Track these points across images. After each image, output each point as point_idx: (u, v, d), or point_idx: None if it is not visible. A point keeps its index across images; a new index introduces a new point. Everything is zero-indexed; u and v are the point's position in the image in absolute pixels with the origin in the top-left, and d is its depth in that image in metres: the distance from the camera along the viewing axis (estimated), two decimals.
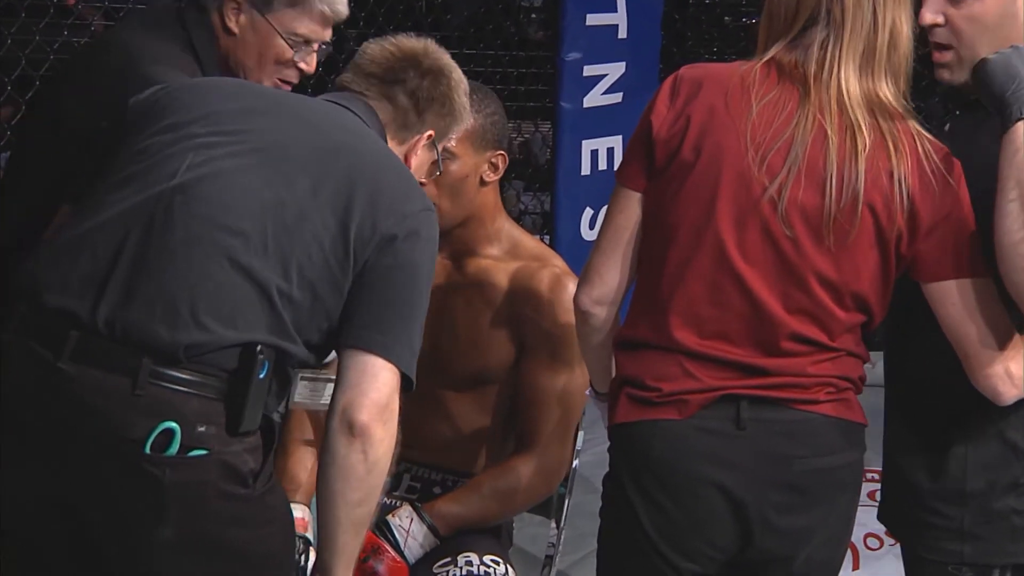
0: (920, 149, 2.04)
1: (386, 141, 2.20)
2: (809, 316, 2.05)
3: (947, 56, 2.13)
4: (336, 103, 2.19)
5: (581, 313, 2.17)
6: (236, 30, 2.43)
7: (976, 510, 2.14)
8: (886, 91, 2.05)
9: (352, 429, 1.99)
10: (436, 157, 2.32)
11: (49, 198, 2.29)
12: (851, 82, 2.03)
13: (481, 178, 2.57)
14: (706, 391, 2.04)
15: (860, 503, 2.16)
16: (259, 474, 1.99)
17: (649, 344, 2.08)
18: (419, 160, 2.27)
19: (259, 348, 1.94)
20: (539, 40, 5.89)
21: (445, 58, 2.30)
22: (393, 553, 2.44)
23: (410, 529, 2.43)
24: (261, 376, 1.95)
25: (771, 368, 2.05)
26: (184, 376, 1.92)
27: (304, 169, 2.02)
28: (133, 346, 1.91)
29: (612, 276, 2.13)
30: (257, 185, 1.99)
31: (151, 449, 1.89)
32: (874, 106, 2.04)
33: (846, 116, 2.02)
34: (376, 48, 2.27)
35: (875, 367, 2.17)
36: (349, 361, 2.02)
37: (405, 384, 2.04)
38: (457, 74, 2.30)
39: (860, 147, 2.01)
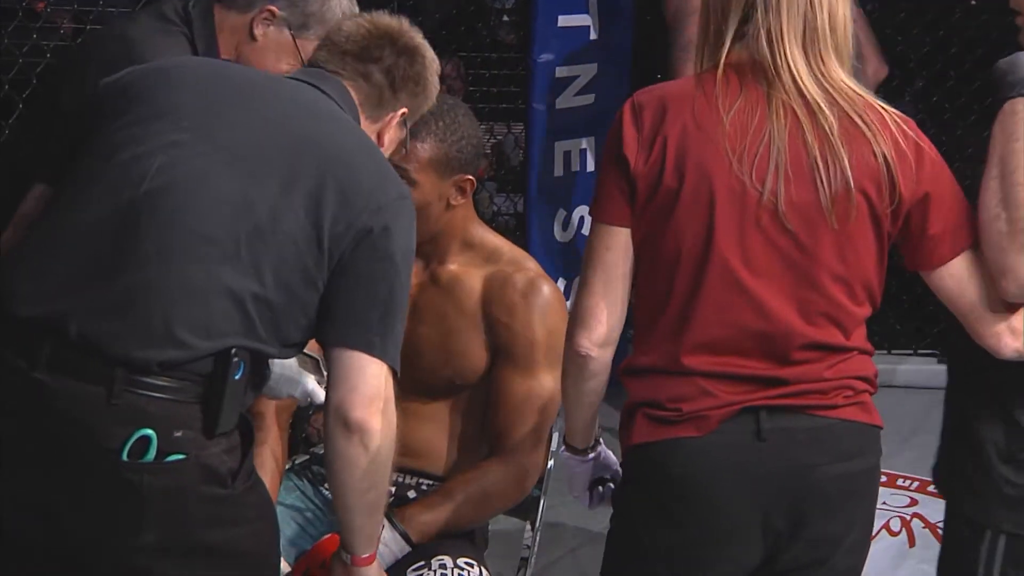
0: (891, 124, 2.04)
1: (359, 121, 2.18)
2: (826, 317, 2.03)
3: (1019, 20, 2.25)
4: (308, 83, 2.16)
5: (581, 358, 2.08)
6: (260, 39, 2.48)
7: (981, 474, 2.27)
8: (836, 71, 2.04)
9: (348, 425, 2.01)
10: (405, 135, 2.30)
11: (21, 178, 2.28)
12: (799, 63, 2.02)
13: (447, 202, 2.56)
14: (725, 406, 2.01)
15: None
16: (238, 473, 1.99)
17: (662, 370, 2.05)
18: (390, 137, 2.26)
19: (234, 351, 1.94)
20: (511, 42, 5.88)
21: (419, 37, 2.28)
22: None
23: (382, 536, 2.41)
24: (237, 377, 1.95)
25: (789, 377, 2.03)
26: (159, 383, 1.91)
27: (275, 166, 2.01)
28: (107, 358, 1.90)
29: (609, 316, 2.07)
30: (227, 187, 1.98)
31: (128, 456, 1.89)
32: (828, 85, 2.03)
33: (807, 99, 2.01)
34: (351, 25, 2.25)
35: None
36: (336, 359, 2.03)
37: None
38: (431, 53, 2.28)
39: (827, 127, 2.00)
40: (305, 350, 2.20)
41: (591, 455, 2.27)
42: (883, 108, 2.06)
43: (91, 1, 4.00)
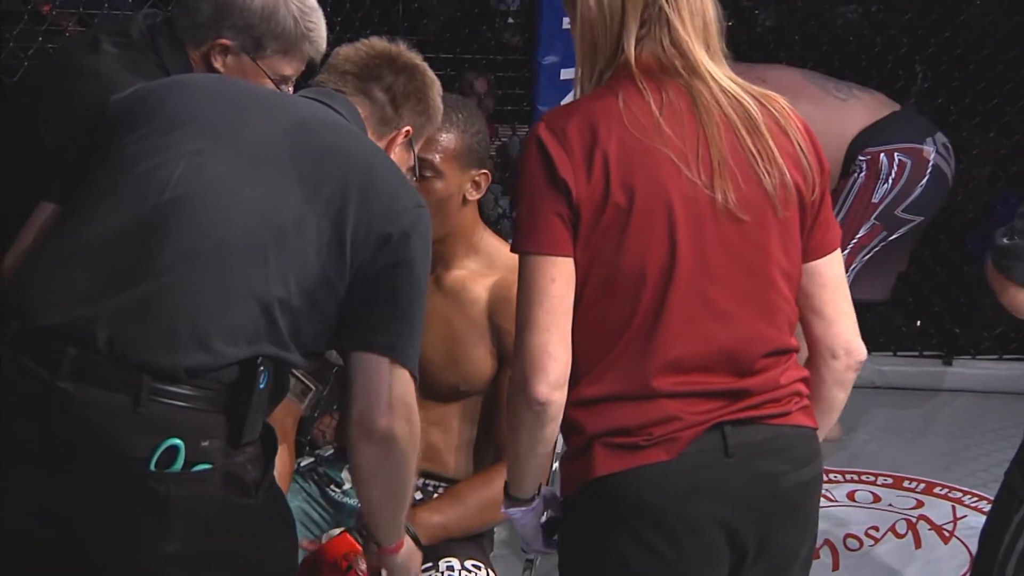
0: (794, 114, 2.03)
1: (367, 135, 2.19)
2: (782, 317, 2.00)
3: None
4: (317, 100, 2.17)
5: (540, 405, 1.92)
6: (221, 69, 2.42)
7: None
8: (726, 66, 2.02)
9: (373, 433, 2.01)
10: (413, 162, 2.31)
11: (22, 199, 2.21)
12: (707, 60, 1.99)
13: (464, 196, 2.57)
14: (693, 426, 1.94)
15: (841, 503, 2.16)
16: (261, 483, 1.99)
17: (624, 396, 1.95)
18: (397, 158, 2.26)
19: (260, 360, 1.93)
20: (516, 45, 5.88)
21: (418, 59, 2.31)
22: None
23: None
24: (261, 387, 1.95)
25: (752, 388, 1.97)
26: (185, 392, 1.90)
27: (298, 172, 2.00)
28: (133, 365, 1.88)
29: (564, 352, 1.94)
30: (250, 193, 1.97)
31: (156, 466, 1.87)
32: (732, 79, 2.01)
33: (728, 94, 1.98)
34: (350, 49, 2.29)
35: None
36: (359, 365, 2.03)
37: None
38: (431, 74, 2.31)
39: (754, 119, 1.97)
40: (301, 375, 2.20)
41: (536, 499, 2.14)
42: (778, 97, 2.04)
43: (96, 3, 4.00)
